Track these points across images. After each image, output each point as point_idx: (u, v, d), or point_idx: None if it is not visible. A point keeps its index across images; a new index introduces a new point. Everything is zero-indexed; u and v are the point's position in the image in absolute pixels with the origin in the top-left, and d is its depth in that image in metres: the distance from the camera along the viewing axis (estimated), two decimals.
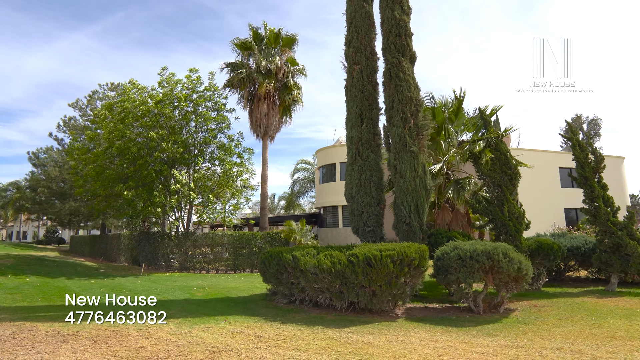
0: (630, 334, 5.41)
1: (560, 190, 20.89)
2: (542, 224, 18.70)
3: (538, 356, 4.56)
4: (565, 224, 20.52)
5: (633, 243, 9.08)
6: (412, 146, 8.95)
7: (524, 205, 20.59)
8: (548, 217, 20.15)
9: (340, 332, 5.67)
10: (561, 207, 20.69)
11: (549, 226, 18.00)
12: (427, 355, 4.55)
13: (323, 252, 7.09)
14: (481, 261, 6.49)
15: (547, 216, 20.18)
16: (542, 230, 15.70)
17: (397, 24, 9.52)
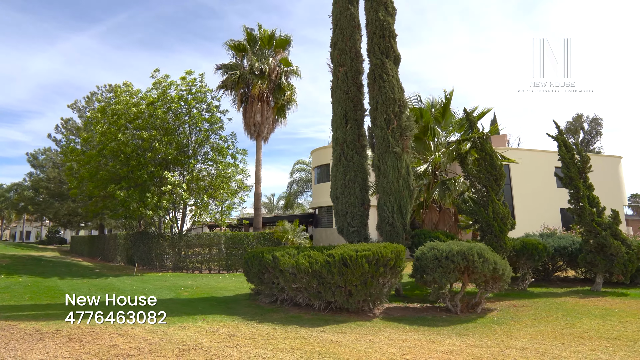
0: (599, 334, 5.45)
1: (557, 190, 20.79)
2: (539, 224, 18.67)
3: (501, 355, 4.61)
4: (561, 223, 20.45)
5: (617, 243, 9.08)
6: (396, 147, 9.01)
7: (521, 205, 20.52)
8: (545, 217, 20.09)
9: (312, 331, 5.76)
10: (557, 207, 20.61)
11: (544, 225, 17.95)
12: (391, 354, 4.62)
13: (303, 252, 7.18)
14: (456, 261, 6.55)
15: (544, 216, 20.13)
16: (539, 230, 15.65)
17: (381, 25, 9.58)
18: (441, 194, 10.15)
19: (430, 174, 10.70)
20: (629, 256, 9.08)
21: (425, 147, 11.31)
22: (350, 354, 4.62)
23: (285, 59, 17.64)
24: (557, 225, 20.26)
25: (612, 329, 5.73)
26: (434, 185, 10.76)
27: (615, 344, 5.00)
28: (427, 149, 11.37)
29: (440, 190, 10.21)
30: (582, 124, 39.37)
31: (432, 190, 10.51)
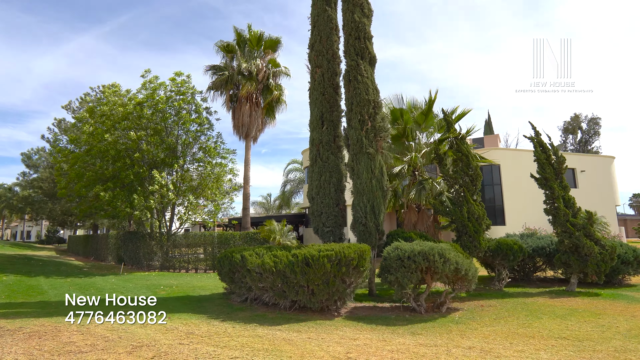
0: (551, 334, 5.50)
1: None
2: (530, 223, 18.63)
3: (444, 354, 4.69)
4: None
5: (590, 244, 9.10)
6: (369, 148, 9.08)
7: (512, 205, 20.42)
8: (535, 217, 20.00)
9: (270, 329, 5.87)
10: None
11: (525, 225, 17.94)
12: (336, 353, 4.72)
13: (270, 252, 7.28)
14: (418, 261, 6.62)
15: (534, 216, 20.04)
16: (521, 230, 15.67)
17: (356, 27, 9.65)
18: (417, 194, 10.21)
19: (407, 174, 10.76)
20: (602, 256, 9.10)
21: (405, 147, 11.37)
22: (296, 352, 4.72)
23: (273, 59, 17.75)
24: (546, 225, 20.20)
25: (566, 328, 5.78)
26: (412, 185, 10.82)
27: (563, 343, 5.06)
28: (407, 149, 11.43)
29: (417, 191, 10.28)
30: (580, 124, 39.07)
31: (410, 191, 10.58)
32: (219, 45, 17.50)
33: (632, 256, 10.20)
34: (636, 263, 10.30)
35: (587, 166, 21.96)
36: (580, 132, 38.63)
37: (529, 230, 14.77)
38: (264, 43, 17.71)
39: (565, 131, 39.32)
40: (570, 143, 39.02)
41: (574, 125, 38.51)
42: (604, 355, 4.52)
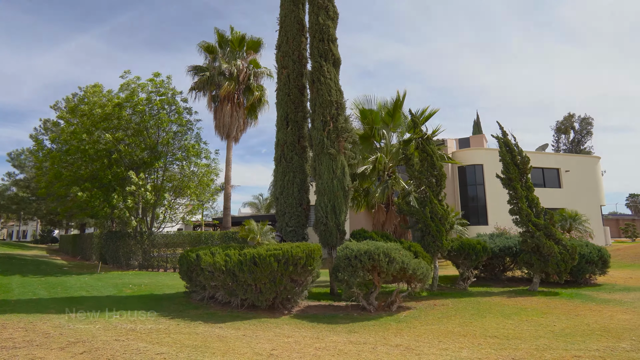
0: (484, 333, 5.58)
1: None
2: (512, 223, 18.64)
3: (369, 352, 4.78)
4: None
5: (550, 244, 9.16)
6: (331, 149, 9.18)
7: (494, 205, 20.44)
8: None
9: (211, 327, 5.99)
10: None
11: (497, 225, 17.97)
12: (261, 350, 4.82)
13: (224, 251, 7.40)
14: (364, 261, 6.72)
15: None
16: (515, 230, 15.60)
17: (320, 29, 9.74)
18: (381, 194, 10.29)
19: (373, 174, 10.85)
20: (562, 256, 9.17)
21: (374, 148, 11.45)
22: (222, 348, 4.83)
23: (254, 60, 17.88)
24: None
25: (502, 327, 5.86)
26: (379, 185, 10.90)
27: (489, 341, 5.15)
28: (376, 149, 11.51)
29: (381, 190, 10.36)
30: (573, 124, 38.97)
31: (375, 191, 10.67)
32: (201, 46, 17.64)
33: (596, 256, 10.26)
34: (601, 263, 10.37)
35: (572, 166, 21.97)
36: (573, 132, 38.56)
37: (499, 230, 14.82)
38: (246, 44, 17.84)
39: (558, 131, 39.24)
40: (563, 143, 38.98)
41: (566, 125, 38.42)
42: (522, 354, 4.61)
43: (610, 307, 7.27)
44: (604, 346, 4.79)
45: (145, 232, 15.52)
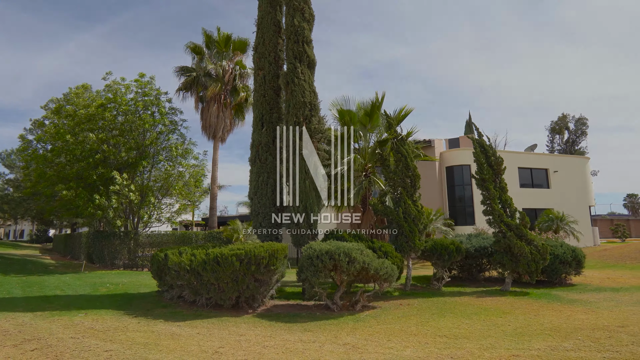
0: (436, 332, 5.66)
1: (519, 190, 20.83)
2: None
3: (314, 350, 4.86)
4: None
5: (521, 244, 9.23)
6: (303, 149, 9.26)
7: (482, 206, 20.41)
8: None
9: (170, 325, 6.09)
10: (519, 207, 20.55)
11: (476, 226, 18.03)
12: (208, 347, 4.91)
13: (191, 251, 7.49)
14: (325, 261, 6.80)
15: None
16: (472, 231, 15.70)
17: (295, 30, 9.82)
18: (356, 194, 10.37)
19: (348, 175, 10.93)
20: (533, 256, 9.23)
21: (352, 148, 11.53)
22: (170, 346, 4.93)
23: (240, 61, 17.98)
24: None
25: (456, 327, 5.93)
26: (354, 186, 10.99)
27: (437, 340, 5.22)
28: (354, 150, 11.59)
29: (356, 191, 10.44)
30: (568, 124, 38.93)
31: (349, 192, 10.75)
32: (189, 46, 17.75)
33: (570, 256, 10.32)
34: (575, 263, 10.43)
35: (563, 166, 21.99)
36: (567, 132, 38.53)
37: (477, 230, 14.88)
38: (232, 44, 17.93)
39: (553, 131, 39.18)
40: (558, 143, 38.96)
41: (560, 126, 38.38)
42: (462, 352, 4.68)
43: (573, 307, 7.34)
44: (546, 346, 4.86)
45: (131, 231, 15.64)
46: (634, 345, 4.77)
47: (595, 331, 5.48)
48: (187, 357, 4.57)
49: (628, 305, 7.41)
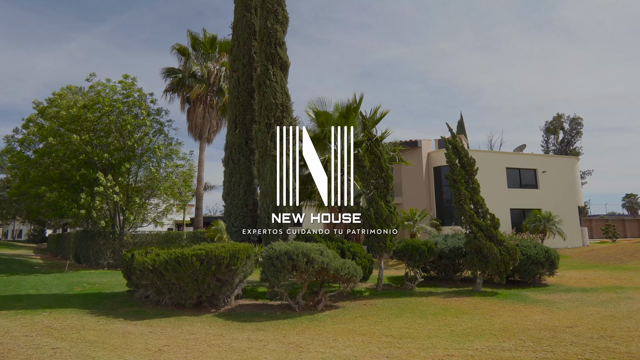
0: (383, 332, 5.72)
1: (507, 190, 20.82)
2: None
3: (257, 348, 4.95)
4: (510, 224, 20.46)
5: (490, 244, 9.28)
6: (274, 150, 9.36)
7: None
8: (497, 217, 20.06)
9: (127, 324, 6.20)
10: (507, 208, 20.62)
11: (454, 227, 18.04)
12: (152, 345, 5.01)
13: (157, 251, 7.59)
14: (284, 261, 6.88)
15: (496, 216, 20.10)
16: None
17: (268, 32, 9.92)
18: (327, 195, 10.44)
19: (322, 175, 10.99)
20: (502, 257, 9.28)
21: (325, 149, 11.61)
22: (118, 344, 5.03)
23: (226, 62, 18.06)
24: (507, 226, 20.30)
25: (407, 327, 5.99)
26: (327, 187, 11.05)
27: (382, 340, 5.29)
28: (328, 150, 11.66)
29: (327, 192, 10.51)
30: (562, 124, 38.77)
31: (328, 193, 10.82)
32: (175, 48, 17.89)
33: (543, 257, 10.35)
34: (548, 264, 10.46)
35: (552, 166, 21.95)
36: (562, 132, 38.37)
37: (454, 231, 14.91)
38: (218, 46, 18.07)
39: (547, 131, 39.04)
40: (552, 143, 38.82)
41: (555, 126, 38.23)
42: (400, 352, 4.74)
43: (534, 308, 7.38)
44: (486, 346, 4.92)
45: (116, 232, 15.77)
46: (572, 346, 4.82)
47: (541, 331, 5.53)
48: (128, 354, 4.67)
49: (590, 306, 7.45)
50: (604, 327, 5.70)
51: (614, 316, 6.45)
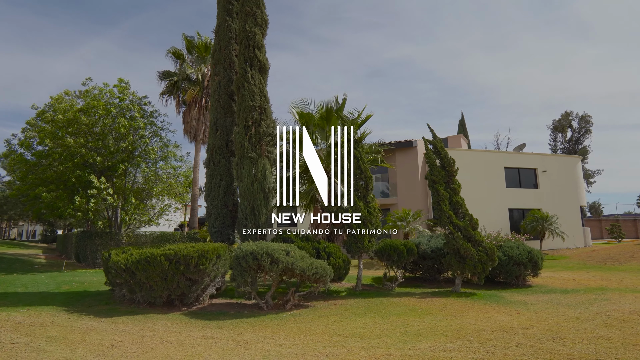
0: (337, 332, 5.79)
1: (506, 190, 20.52)
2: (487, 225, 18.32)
3: (205, 346, 5.09)
4: (509, 224, 20.16)
5: (467, 245, 9.22)
6: (251, 152, 9.51)
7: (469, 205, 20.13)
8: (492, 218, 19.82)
9: (94, 321, 6.44)
10: (506, 208, 20.33)
11: (496, 226, 17.86)
12: (107, 341, 5.21)
13: (132, 251, 7.83)
14: (249, 261, 7.02)
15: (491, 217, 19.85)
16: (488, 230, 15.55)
17: (246, 36, 10.08)
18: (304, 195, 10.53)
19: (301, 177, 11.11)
20: (479, 257, 9.21)
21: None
22: (75, 339, 5.26)
23: None
24: (505, 226, 20.01)
25: (364, 327, 6.04)
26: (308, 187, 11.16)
27: (331, 339, 5.36)
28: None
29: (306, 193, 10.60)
30: (571, 122, 37.78)
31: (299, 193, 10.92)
32: (170, 51, 18.32)
33: (525, 257, 10.23)
34: (531, 265, 10.33)
35: (553, 166, 21.52)
36: (571, 131, 37.36)
37: (439, 231, 14.75)
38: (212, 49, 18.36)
39: (555, 130, 38.07)
40: (560, 142, 37.86)
41: (563, 124, 37.28)
42: (342, 351, 4.81)
43: (504, 309, 7.33)
44: (430, 346, 4.94)
45: (113, 232, 16.20)
46: (516, 347, 4.80)
47: (494, 332, 5.51)
48: (81, 349, 4.87)
49: (561, 307, 7.35)
50: (561, 328, 5.65)
51: (578, 318, 6.37)
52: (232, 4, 10.80)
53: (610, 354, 4.50)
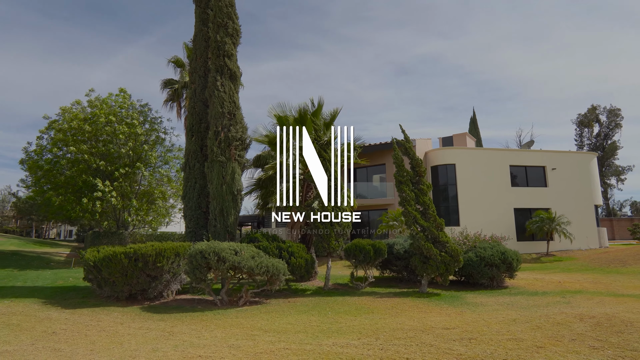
0: (264, 326, 6.07)
1: (511, 189, 19.80)
2: (489, 225, 17.82)
3: (132, 335, 5.55)
4: (514, 224, 19.44)
5: (428, 245, 9.18)
6: (220, 156, 9.99)
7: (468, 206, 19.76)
8: (496, 218, 19.24)
9: (58, 311, 7.14)
10: (511, 207, 19.61)
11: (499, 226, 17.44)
12: (50, 329, 5.81)
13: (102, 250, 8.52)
14: (198, 259, 7.46)
15: (495, 216, 19.28)
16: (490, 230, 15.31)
17: (217, 45, 10.59)
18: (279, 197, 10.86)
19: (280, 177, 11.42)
20: (442, 258, 9.14)
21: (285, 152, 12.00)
22: (25, 327, 5.92)
23: None
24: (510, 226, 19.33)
25: (293, 323, 6.28)
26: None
27: (252, 333, 5.65)
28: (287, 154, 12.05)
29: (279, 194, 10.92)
30: (598, 116, 35.31)
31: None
32: (171, 61, 19.34)
33: (498, 259, 10.00)
34: (505, 266, 10.07)
35: (566, 163, 20.48)
36: (598, 125, 34.88)
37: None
38: None
39: (581, 124, 35.69)
40: (587, 137, 35.50)
41: (589, 118, 34.90)
42: (250, 344, 5.08)
43: (452, 310, 7.29)
44: (334, 342, 5.10)
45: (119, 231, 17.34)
46: (415, 346, 4.85)
47: (410, 332, 5.56)
48: (25, 334, 5.50)
49: (512, 310, 7.19)
50: (482, 330, 5.60)
51: (515, 320, 6.25)
52: (207, 14, 11.35)
53: (506, 354, 4.49)
